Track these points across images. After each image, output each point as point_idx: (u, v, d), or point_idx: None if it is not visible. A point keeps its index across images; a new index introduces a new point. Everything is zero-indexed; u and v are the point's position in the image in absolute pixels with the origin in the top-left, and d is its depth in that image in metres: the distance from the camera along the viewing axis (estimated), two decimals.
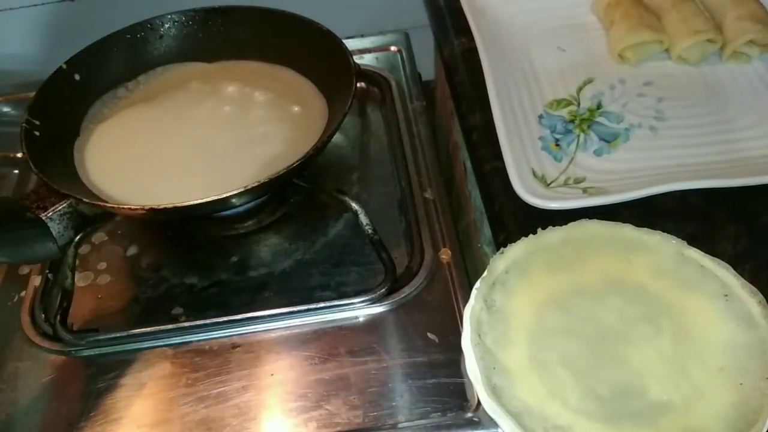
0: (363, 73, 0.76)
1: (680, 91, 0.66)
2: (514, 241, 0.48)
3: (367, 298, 0.56)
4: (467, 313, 0.47)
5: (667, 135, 0.62)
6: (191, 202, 0.53)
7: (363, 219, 0.61)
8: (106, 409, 0.53)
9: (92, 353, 0.57)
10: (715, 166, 0.58)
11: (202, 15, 0.73)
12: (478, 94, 0.65)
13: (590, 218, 0.49)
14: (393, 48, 0.81)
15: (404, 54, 0.81)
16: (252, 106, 0.68)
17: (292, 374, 0.53)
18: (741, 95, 0.65)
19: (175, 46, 0.73)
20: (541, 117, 0.64)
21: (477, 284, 0.47)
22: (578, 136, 0.62)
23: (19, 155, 0.66)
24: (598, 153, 0.61)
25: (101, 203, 0.57)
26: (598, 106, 0.65)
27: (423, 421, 0.48)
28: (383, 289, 0.56)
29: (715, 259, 0.45)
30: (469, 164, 0.67)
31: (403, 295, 0.57)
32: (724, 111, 0.64)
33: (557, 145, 0.62)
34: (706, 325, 0.43)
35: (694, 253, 0.46)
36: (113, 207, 0.57)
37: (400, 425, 0.48)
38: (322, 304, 0.57)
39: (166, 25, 0.72)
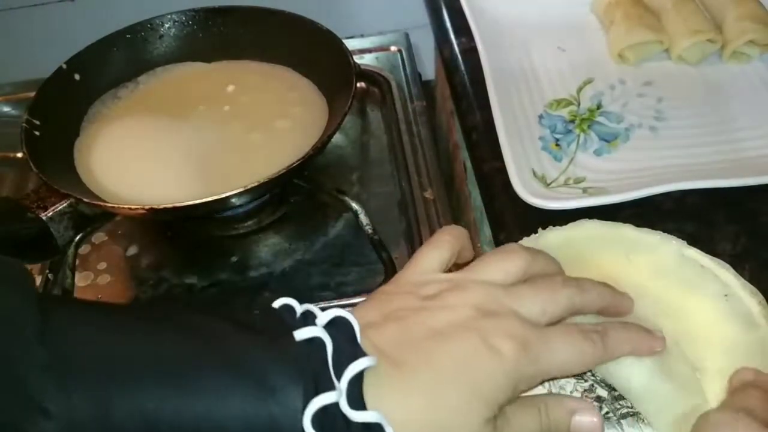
0: (363, 73, 0.76)
1: (680, 91, 0.66)
2: (514, 241, 0.48)
3: (367, 298, 0.56)
4: None
5: (667, 135, 0.62)
6: (191, 202, 0.53)
7: (363, 219, 0.61)
8: None
9: None
10: (715, 166, 0.58)
11: (202, 15, 0.73)
12: (478, 94, 0.65)
13: (590, 218, 0.49)
14: (393, 48, 0.81)
15: (404, 54, 0.80)
16: (252, 106, 0.68)
17: None
18: (741, 95, 0.65)
19: (175, 46, 0.73)
20: (541, 117, 0.64)
21: None
22: (578, 136, 0.62)
23: (19, 155, 0.66)
24: (598, 153, 0.61)
25: (101, 203, 0.57)
26: (598, 106, 0.65)
27: None
28: None
29: (715, 259, 0.45)
30: (469, 164, 0.67)
31: None
32: (724, 111, 0.63)
33: (557, 145, 0.62)
34: (706, 325, 0.42)
35: (694, 253, 0.45)
36: (113, 207, 0.57)
37: None
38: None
39: (166, 25, 0.72)
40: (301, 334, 0.31)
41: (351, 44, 0.76)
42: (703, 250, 0.46)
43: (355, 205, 0.61)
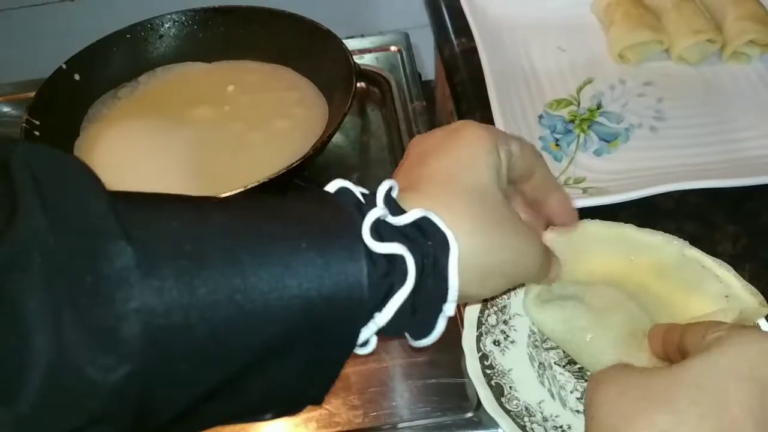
0: (363, 73, 0.76)
1: (680, 91, 0.66)
2: None
3: None
4: (468, 313, 0.47)
5: (667, 135, 0.62)
6: None
7: None
8: None
9: None
10: (715, 166, 0.58)
11: (202, 15, 0.72)
12: (478, 94, 0.65)
13: (590, 218, 0.49)
14: (393, 48, 0.81)
15: (404, 54, 0.80)
16: (252, 106, 0.68)
17: None
18: (741, 95, 0.65)
19: (175, 46, 0.73)
20: (541, 117, 0.64)
21: None
22: (578, 136, 0.62)
23: None
24: (598, 153, 0.61)
25: None
26: (598, 106, 0.65)
27: (423, 421, 0.48)
28: None
29: (717, 259, 0.45)
30: None
31: None
32: (724, 111, 0.64)
33: (557, 145, 0.62)
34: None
35: (696, 254, 0.45)
36: None
37: (400, 425, 0.48)
38: None
39: (166, 25, 0.72)
40: (331, 187, 0.35)
41: (351, 44, 0.76)
42: (703, 250, 0.46)
43: None
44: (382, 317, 0.32)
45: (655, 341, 0.39)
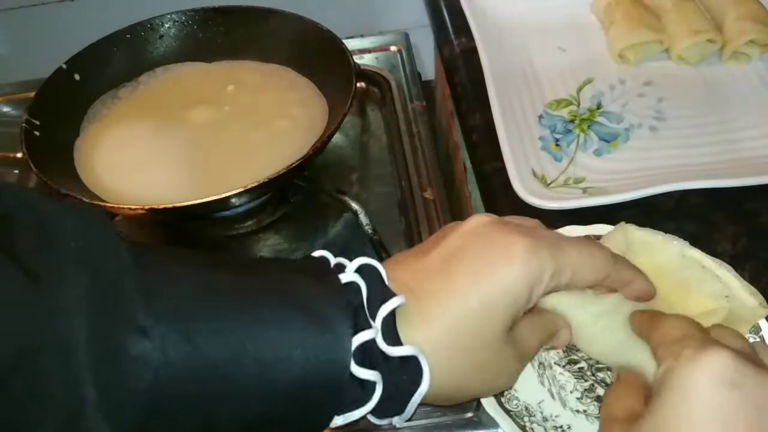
0: (363, 73, 0.76)
1: (680, 91, 0.66)
2: None
3: None
4: None
5: (667, 135, 0.62)
6: (191, 202, 0.53)
7: (363, 219, 0.61)
8: None
9: None
10: (715, 166, 0.58)
11: (202, 15, 0.72)
12: (478, 94, 0.65)
13: (590, 218, 0.49)
14: (393, 48, 0.81)
15: (404, 54, 0.80)
16: (252, 106, 0.68)
17: None
18: (741, 95, 0.65)
19: (175, 46, 0.73)
20: (541, 117, 0.64)
21: None
22: (578, 136, 0.62)
23: (19, 155, 0.66)
24: (598, 153, 0.61)
25: (101, 203, 0.57)
26: (598, 106, 0.65)
27: (423, 421, 0.48)
28: None
29: (717, 260, 0.45)
30: (469, 164, 0.67)
31: None
32: (724, 111, 0.64)
33: (557, 145, 0.62)
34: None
35: (696, 254, 0.45)
36: (113, 207, 0.57)
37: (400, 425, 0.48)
38: None
39: (166, 25, 0.72)
40: (342, 278, 0.34)
41: (351, 44, 0.76)
42: (703, 250, 0.46)
43: (355, 205, 0.61)
44: (337, 420, 0.34)
45: (639, 325, 0.39)
